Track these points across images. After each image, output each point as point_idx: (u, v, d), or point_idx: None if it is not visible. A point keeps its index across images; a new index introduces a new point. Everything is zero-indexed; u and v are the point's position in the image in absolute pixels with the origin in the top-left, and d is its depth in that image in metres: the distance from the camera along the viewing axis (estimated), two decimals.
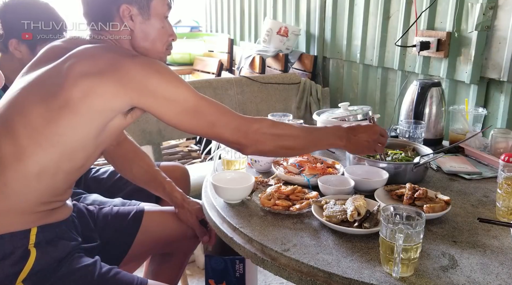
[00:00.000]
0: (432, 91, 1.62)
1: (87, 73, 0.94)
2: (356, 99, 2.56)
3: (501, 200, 1.06)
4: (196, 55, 3.63)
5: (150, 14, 1.05)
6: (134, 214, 1.29)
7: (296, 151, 1.17)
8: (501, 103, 1.77)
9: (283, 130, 1.08)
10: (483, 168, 1.42)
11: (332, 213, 1.01)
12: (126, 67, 0.95)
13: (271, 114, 1.60)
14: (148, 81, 0.95)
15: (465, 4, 1.82)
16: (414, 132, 1.53)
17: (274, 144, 1.07)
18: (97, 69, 0.94)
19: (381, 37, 2.29)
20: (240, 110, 2.53)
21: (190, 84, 2.40)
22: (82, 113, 0.94)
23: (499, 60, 1.72)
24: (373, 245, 0.93)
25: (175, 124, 1.01)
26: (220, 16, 4.24)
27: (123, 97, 0.95)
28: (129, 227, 1.28)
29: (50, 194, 1.00)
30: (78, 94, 0.92)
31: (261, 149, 1.08)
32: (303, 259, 0.88)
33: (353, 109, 1.72)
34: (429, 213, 1.02)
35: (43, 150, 0.94)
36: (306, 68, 2.83)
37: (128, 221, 1.28)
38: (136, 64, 0.95)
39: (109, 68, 0.95)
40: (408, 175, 1.26)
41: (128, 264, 1.33)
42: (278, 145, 1.08)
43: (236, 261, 1.38)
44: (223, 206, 1.15)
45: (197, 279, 2.10)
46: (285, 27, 2.84)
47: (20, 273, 0.95)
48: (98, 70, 0.94)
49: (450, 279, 0.82)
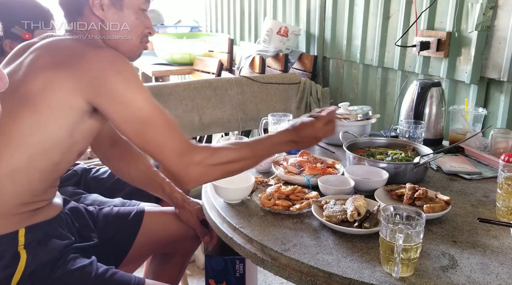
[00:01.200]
0: (432, 91, 1.62)
1: (46, 65, 0.91)
2: (356, 99, 2.56)
3: (501, 200, 1.06)
4: (196, 55, 3.63)
5: (123, 5, 1.01)
6: (134, 214, 1.29)
7: (243, 171, 1.11)
8: (501, 103, 1.77)
9: (227, 156, 1.01)
10: (483, 168, 1.42)
11: (332, 213, 1.01)
12: (86, 62, 0.90)
13: (271, 114, 1.60)
14: (106, 80, 0.90)
15: (465, 4, 1.82)
16: (414, 132, 1.53)
17: (219, 174, 1.02)
18: (56, 61, 0.91)
19: (381, 37, 2.29)
20: (240, 110, 2.53)
21: (190, 84, 2.44)
22: (41, 110, 0.91)
23: (499, 60, 1.72)
24: (373, 245, 0.93)
25: (122, 131, 0.96)
26: (220, 16, 4.24)
27: (78, 94, 0.91)
28: (129, 228, 1.27)
29: (30, 195, 0.97)
30: (37, 87, 0.90)
31: (205, 182, 1.04)
32: (303, 259, 0.88)
33: (353, 109, 1.72)
34: (429, 213, 1.02)
35: (11, 152, 0.92)
36: (306, 68, 2.83)
37: (128, 221, 1.27)
38: (98, 60, 0.91)
39: (67, 61, 0.91)
40: (408, 175, 1.26)
41: (129, 265, 1.33)
42: (224, 173, 1.03)
43: (236, 261, 1.38)
44: (223, 206, 1.14)
45: (197, 279, 2.10)
46: (285, 27, 2.84)
47: (13, 276, 0.94)
48: (57, 62, 0.91)
49: (450, 279, 0.82)
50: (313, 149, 1.61)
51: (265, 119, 1.62)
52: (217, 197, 1.18)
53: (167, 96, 2.33)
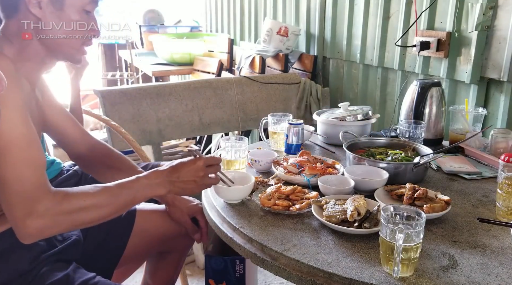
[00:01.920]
0: (432, 91, 1.62)
1: None
2: (356, 99, 2.56)
3: (501, 200, 1.06)
4: (196, 55, 3.63)
5: (64, 4, 0.94)
6: (126, 214, 1.27)
7: (101, 221, 0.95)
8: (501, 103, 1.77)
9: (79, 203, 0.88)
10: (483, 168, 1.42)
11: (332, 213, 1.01)
12: None
13: (271, 114, 1.60)
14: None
15: (465, 4, 1.82)
16: (414, 132, 1.53)
17: (67, 226, 0.89)
18: None
19: (381, 37, 2.29)
20: (240, 110, 2.53)
21: (190, 84, 2.44)
22: None
23: (499, 60, 1.72)
24: (373, 245, 0.93)
25: None
26: (220, 16, 4.24)
27: None
28: (122, 228, 1.26)
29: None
30: None
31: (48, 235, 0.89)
32: (303, 259, 0.88)
33: (353, 109, 1.72)
34: (429, 213, 1.02)
35: None
36: (306, 68, 2.83)
37: (121, 221, 1.26)
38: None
39: None
40: (408, 175, 1.26)
41: (126, 265, 1.32)
42: (73, 225, 0.90)
43: (236, 261, 1.38)
44: (223, 206, 1.14)
45: (197, 279, 2.10)
46: (285, 27, 2.84)
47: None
48: None
49: (450, 279, 0.82)
50: (313, 149, 1.61)
51: (265, 119, 1.62)
52: (217, 197, 1.18)
53: (167, 96, 2.33)
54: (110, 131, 2.14)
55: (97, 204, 0.91)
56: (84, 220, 0.91)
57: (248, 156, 1.37)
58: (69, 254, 1.07)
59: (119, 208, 0.96)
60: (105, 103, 2.15)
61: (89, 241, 1.20)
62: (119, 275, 1.41)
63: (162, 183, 0.99)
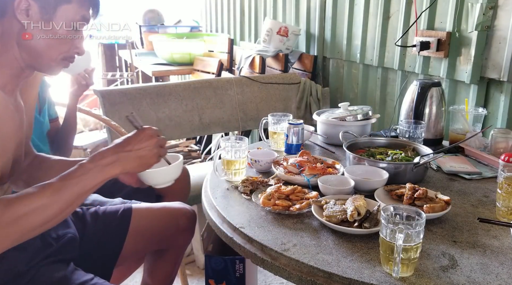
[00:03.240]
0: (432, 91, 1.62)
1: None
2: (356, 99, 2.56)
3: (501, 200, 1.06)
4: (196, 55, 3.63)
5: (54, 16, 0.90)
6: (122, 212, 1.28)
7: (53, 222, 0.86)
8: (501, 103, 1.77)
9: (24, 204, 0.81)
10: (483, 168, 1.42)
11: (332, 213, 1.01)
12: None
13: (271, 114, 1.60)
14: None
15: (465, 4, 1.82)
16: (414, 132, 1.53)
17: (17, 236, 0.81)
18: None
19: (381, 37, 2.29)
20: (240, 110, 2.53)
21: (190, 84, 2.44)
22: None
23: (499, 60, 1.72)
24: (373, 245, 0.93)
25: None
26: (220, 16, 4.24)
27: None
28: (119, 226, 1.26)
29: None
30: None
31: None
32: (303, 259, 0.88)
33: (353, 109, 1.72)
34: (429, 213, 1.02)
35: None
36: (306, 68, 2.83)
37: (117, 220, 1.26)
38: None
39: None
40: (408, 175, 1.26)
41: (124, 265, 1.32)
42: (23, 233, 0.81)
43: (236, 261, 1.38)
44: (223, 206, 1.14)
45: (197, 279, 2.10)
46: (285, 27, 2.84)
47: None
48: None
49: (450, 279, 0.82)
50: (313, 149, 1.61)
51: (265, 119, 1.62)
52: (217, 197, 1.17)
53: (167, 96, 2.33)
54: (110, 131, 2.14)
55: (43, 205, 0.82)
56: (32, 225, 0.82)
57: (248, 156, 1.37)
58: (66, 254, 1.07)
59: (68, 203, 0.86)
60: (105, 103, 2.15)
61: (86, 242, 1.20)
62: (119, 274, 1.41)
63: (112, 162, 0.90)
